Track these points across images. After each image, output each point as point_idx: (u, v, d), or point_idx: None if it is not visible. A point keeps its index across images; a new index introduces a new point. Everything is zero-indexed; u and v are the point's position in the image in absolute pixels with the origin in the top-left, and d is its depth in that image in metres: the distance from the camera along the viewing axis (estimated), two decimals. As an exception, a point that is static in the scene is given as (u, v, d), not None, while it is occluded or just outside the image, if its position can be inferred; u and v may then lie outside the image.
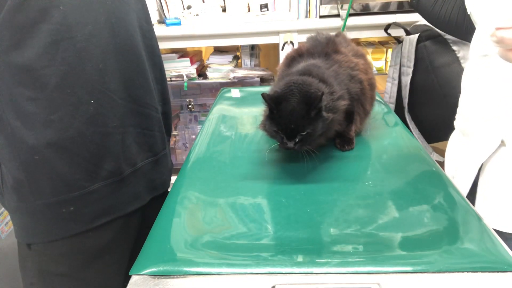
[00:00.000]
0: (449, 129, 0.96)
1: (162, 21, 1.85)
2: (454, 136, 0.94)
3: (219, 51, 2.04)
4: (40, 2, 0.61)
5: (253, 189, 0.68)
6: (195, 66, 1.91)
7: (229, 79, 1.89)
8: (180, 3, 1.85)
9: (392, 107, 1.45)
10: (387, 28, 1.48)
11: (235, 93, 1.26)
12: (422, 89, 1.36)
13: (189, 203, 0.66)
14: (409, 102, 1.39)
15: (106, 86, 0.70)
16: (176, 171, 0.77)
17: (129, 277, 0.51)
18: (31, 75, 0.62)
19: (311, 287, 0.47)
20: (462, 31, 1.01)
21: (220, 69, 1.91)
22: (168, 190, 0.88)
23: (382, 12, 1.67)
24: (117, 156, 0.74)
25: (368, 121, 0.89)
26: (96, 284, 0.78)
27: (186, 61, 1.89)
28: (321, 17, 1.71)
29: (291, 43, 1.72)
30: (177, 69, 1.88)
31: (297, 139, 0.66)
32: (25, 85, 0.63)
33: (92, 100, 0.68)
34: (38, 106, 0.64)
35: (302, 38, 1.69)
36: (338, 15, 1.68)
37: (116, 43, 0.72)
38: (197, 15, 1.81)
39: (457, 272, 0.47)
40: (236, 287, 0.48)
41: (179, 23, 1.74)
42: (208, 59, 1.96)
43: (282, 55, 1.74)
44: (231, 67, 1.92)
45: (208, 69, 1.93)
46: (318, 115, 0.66)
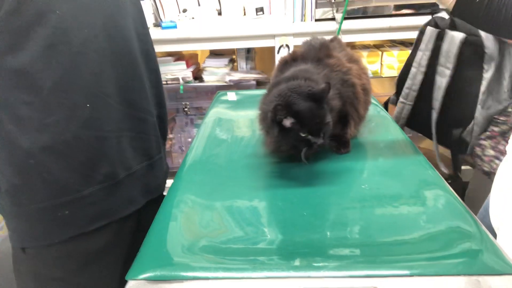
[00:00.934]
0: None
1: (157, 24, 1.84)
2: (501, 180, 0.79)
3: (215, 54, 2.04)
4: (37, 6, 0.60)
5: (249, 192, 0.68)
6: (191, 69, 1.91)
7: (225, 82, 1.89)
8: (176, 6, 1.86)
9: (412, 95, 1.24)
10: (433, 13, 1.23)
11: (231, 96, 1.26)
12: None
13: (185, 206, 0.66)
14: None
15: (102, 90, 0.70)
16: (172, 175, 0.77)
17: (125, 281, 0.51)
18: (27, 78, 0.62)
19: (308, 291, 0.47)
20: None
21: (216, 72, 1.91)
22: (164, 194, 0.88)
23: (377, 16, 1.68)
24: (112, 160, 0.74)
25: (364, 124, 0.90)
26: (91, 288, 0.77)
27: (182, 64, 1.88)
28: (316, 20, 1.72)
29: (287, 46, 1.73)
30: (173, 72, 1.87)
31: (322, 134, 0.69)
32: (20, 88, 0.62)
33: (88, 104, 0.68)
34: (33, 110, 0.63)
35: (297, 42, 1.70)
36: (333, 19, 1.69)
37: (112, 47, 0.72)
38: (193, 18, 1.81)
39: (454, 275, 0.47)
40: (233, 292, 0.48)
41: (175, 26, 1.73)
42: (204, 62, 1.96)
43: (278, 58, 1.75)
44: (227, 70, 1.92)
45: (204, 72, 1.93)
46: (326, 107, 0.70)
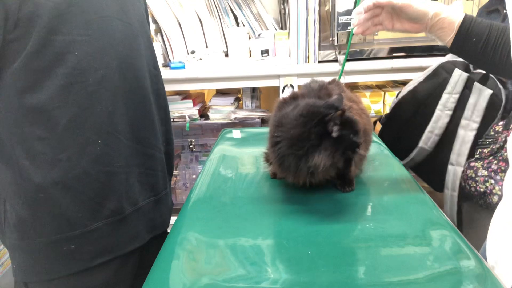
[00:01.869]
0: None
1: (166, 64, 1.91)
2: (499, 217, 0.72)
3: (221, 93, 2.10)
4: (57, 48, 0.64)
5: (253, 230, 0.68)
6: (197, 107, 1.96)
7: (230, 120, 1.92)
8: (185, 47, 1.94)
9: (433, 140, 1.16)
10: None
11: (236, 133, 1.28)
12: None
13: (188, 244, 0.66)
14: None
15: (114, 127, 0.73)
16: (176, 211, 0.78)
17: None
18: (43, 115, 0.65)
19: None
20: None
21: (221, 110, 1.96)
22: (168, 231, 0.88)
23: (377, 58, 1.74)
24: (120, 195, 0.75)
25: (366, 163, 0.90)
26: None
27: (189, 103, 1.93)
28: (319, 62, 1.78)
29: (291, 86, 1.78)
30: (179, 110, 1.92)
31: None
32: (36, 125, 0.65)
33: (100, 141, 0.70)
34: (47, 145, 0.66)
35: (301, 82, 1.75)
36: (336, 60, 1.75)
37: (126, 86, 0.75)
38: (201, 59, 1.88)
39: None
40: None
41: (183, 67, 1.80)
42: (210, 100, 2.01)
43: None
44: (232, 108, 1.96)
45: (210, 110, 1.98)
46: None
